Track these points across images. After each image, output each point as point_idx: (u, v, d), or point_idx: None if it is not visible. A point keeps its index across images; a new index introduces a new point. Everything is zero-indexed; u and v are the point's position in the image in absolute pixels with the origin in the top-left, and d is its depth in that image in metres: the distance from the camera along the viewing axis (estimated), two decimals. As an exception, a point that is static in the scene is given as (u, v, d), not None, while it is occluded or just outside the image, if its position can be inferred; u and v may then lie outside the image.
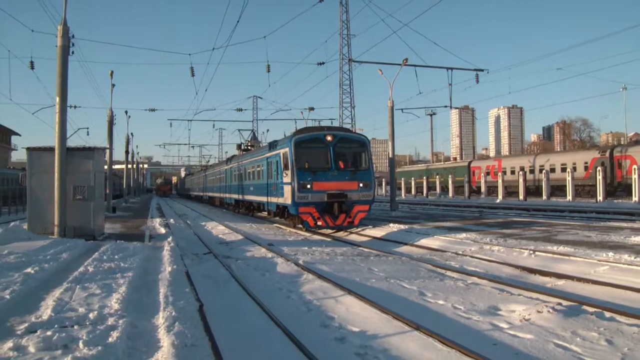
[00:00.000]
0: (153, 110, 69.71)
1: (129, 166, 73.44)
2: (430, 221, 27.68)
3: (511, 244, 17.51)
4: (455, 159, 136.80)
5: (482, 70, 44.59)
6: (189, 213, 47.48)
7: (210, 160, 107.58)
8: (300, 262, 15.42)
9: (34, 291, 10.52)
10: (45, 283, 11.34)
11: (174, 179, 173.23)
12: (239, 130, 55.86)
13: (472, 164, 75.99)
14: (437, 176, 71.72)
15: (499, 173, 58.38)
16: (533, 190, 57.18)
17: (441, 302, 10.48)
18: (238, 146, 51.68)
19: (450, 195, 63.60)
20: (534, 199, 49.46)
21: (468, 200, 56.22)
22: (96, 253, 15.58)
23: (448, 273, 13.99)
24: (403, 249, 19.07)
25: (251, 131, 58.92)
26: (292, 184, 24.09)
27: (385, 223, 26.00)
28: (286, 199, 25.19)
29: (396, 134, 37.59)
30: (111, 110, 46.45)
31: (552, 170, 56.57)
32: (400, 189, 73.16)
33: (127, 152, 67.42)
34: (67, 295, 9.99)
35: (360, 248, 19.32)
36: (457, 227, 23.62)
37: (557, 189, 53.46)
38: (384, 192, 76.36)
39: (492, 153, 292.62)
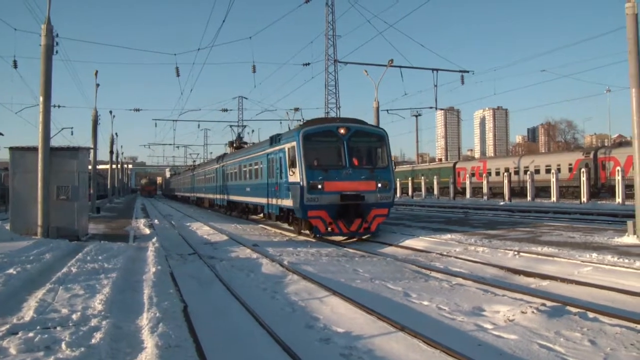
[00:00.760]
0: (138, 110, 69.62)
1: (114, 166, 73.15)
2: (415, 222, 27.76)
3: (496, 245, 17.59)
4: (440, 160, 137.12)
5: (468, 71, 44.71)
6: (174, 214, 47.31)
7: (197, 160, 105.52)
8: (285, 263, 15.39)
9: (16, 292, 10.43)
10: (27, 284, 11.25)
11: (159, 180, 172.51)
12: (231, 126, 53.00)
13: (457, 165, 76.37)
14: (422, 177, 72.06)
15: (484, 174, 58.85)
16: (518, 191, 57.55)
17: (426, 303, 10.50)
18: (230, 143, 48.83)
19: (435, 196, 63.79)
20: (519, 200, 49.74)
21: (453, 201, 56.43)
22: (80, 254, 15.47)
23: (433, 274, 14.02)
24: (388, 250, 19.11)
25: (243, 128, 56.73)
26: (300, 184, 20.98)
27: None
28: (292, 201, 22.14)
29: (382, 135, 37.52)
30: (95, 110, 46.27)
31: (537, 171, 56.96)
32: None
33: (112, 152, 67.21)
34: (50, 296, 9.91)
35: (345, 249, 19.33)
36: (442, 228, 23.69)
37: (542, 190, 53.83)
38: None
39: (477, 154, 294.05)
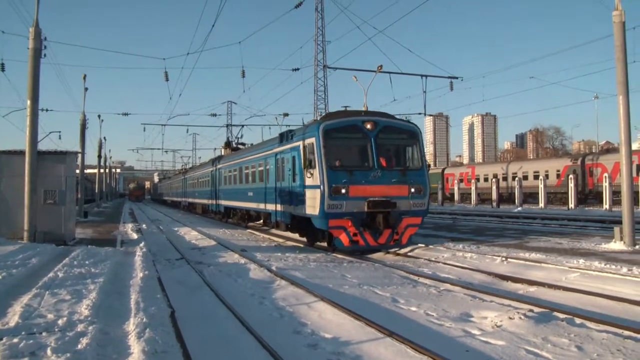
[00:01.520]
0: (126, 114, 69.11)
1: (102, 171, 72.79)
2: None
3: (484, 251, 17.66)
4: (429, 166, 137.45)
5: (457, 77, 44.78)
6: (162, 218, 47.15)
7: (188, 164, 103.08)
8: (273, 268, 15.35)
9: (1, 297, 10.33)
10: (13, 289, 11.15)
11: (147, 184, 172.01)
12: (228, 125, 50.20)
13: (446, 171, 76.58)
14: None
15: (472, 180, 58.96)
16: (506, 197, 57.81)
17: (414, 309, 10.50)
18: (226, 144, 45.01)
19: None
20: (507, 206, 49.92)
21: (441, 207, 56.56)
22: (66, 258, 15.38)
23: (421, 280, 14.03)
24: (376, 256, 19.09)
25: (241, 127, 48.82)
26: (321, 188, 18.05)
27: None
28: (309, 208, 19.09)
29: (371, 141, 37.52)
30: (84, 114, 46.09)
31: (525, 177, 57.24)
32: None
33: (100, 157, 66.89)
34: (36, 301, 9.84)
35: (333, 254, 19.31)
36: (431, 234, 23.77)
37: (530, 196, 54.11)
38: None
39: (466, 160, 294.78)
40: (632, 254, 16.22)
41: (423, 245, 19.87)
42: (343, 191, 18.13)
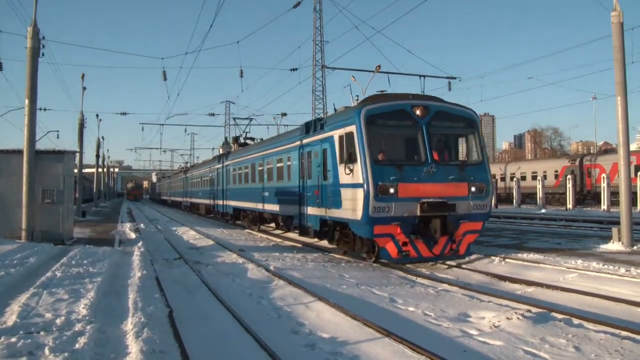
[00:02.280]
0: (124, 114, 69.13)
1: (100, 170, 72.76)
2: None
3: (481, 251, 17.64)
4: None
5: (455, 78, 44.64)
6: (160, 218, 47.11)
7: (189, 162, 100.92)
8: (271, 268, 15.35)
9: (-1, 296, 10.34)
10: (11, 288, 11.15)
11: (145, 184, 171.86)
12: (235, 119, 44.48)
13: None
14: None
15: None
16: (504, 197, 57.88)
17: (412, 309, 10.50)
18: (234, 139, 40.83)
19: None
20: (505, 206, 49.92)
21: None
22: (64, 258, 15.38)
23: (419, 280, 14.04)
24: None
25: (250, 121, 44.22)
26: (364, 187, 15.03)
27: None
28: (347, 211, 16.06)
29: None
30: (82, 113, 46.06)
31: (523, 178, 57.28)
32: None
33: (98, 156, 66.91)
34: (34, 300, 9.84)
35: (331, 254, 19.29)
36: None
37: (528, 197, 54.14)
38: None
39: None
40: (630, 255, 16.23)
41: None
42: (391, 191, 15.12)
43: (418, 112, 16.02)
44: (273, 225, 28.97)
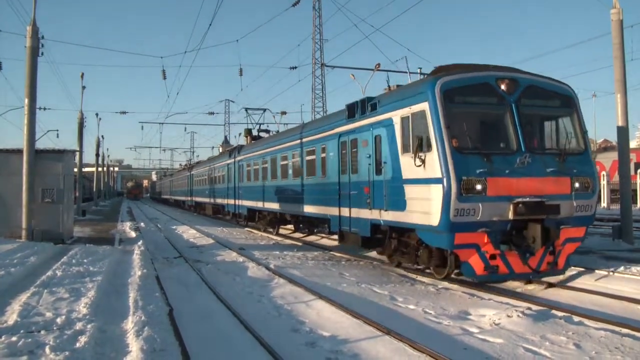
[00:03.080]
0: (124, 112, 69.27)
1: (99, 169, 72.77)
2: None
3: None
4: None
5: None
6: (161, 217, 47.12)
7: (193, 159, 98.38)
8: (271, 267, 15.35)
9: (0, 296, 10.34)
10: (11, 287, 11.16)
11: (145, 182, 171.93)
12: (247, 109, 38.89)
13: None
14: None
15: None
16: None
17: (412, 307, 10.51)
18: (247, 131, 36.23)
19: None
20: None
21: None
22: (65, 257, 15.38)
23: (419, 278, 14.04)
24: (374, 254, 19.07)
25: (263, 111, 39.53)
26: (443, 183, 11.61)
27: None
28: (417, 215, 12.65)
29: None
30: (81, 112, 46.08)
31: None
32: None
33: (98, 155, 66.87)
34: (34, 299, 9.84)
35: (331, 252, 19.29)
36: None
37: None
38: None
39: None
40: (631, 252, 16.24)
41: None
42: (478, 187, 11.75)
43: (504, 87, 12.77)
44: (291, 227, 26.97)
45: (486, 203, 11.69)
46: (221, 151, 53.77)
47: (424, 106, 12.46)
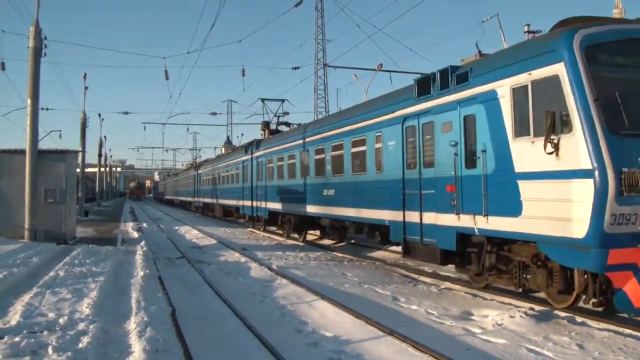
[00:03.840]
0: (127, 113, 69.23)
1: (102, 169, 72.83)
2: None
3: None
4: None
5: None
6: (163, 217, 47.15)
7: (199, 157, 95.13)
8: (273, 267, 15.35)
9: (3, 296, 10.34)
10: (14, 288, 11.16)
11: (148, 183, 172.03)
12: (263, 100, 34.48)
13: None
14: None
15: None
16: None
17: (414, 307, 10.50)
18: (264, 124, 32.00)
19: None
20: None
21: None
22: (67, 257, 15.38)
23: (421, 278, 14.03)
24: (376, 254, 19.07)
25: (282, 102, 35.05)
26: (596, 177, 8.46)
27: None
28: (540, 222, 9.48)
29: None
30: (84, 112, 46.06)
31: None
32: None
33: (100, 155, 66.92)
34: (37, 300, 9.84)
35: (333, 253, 19.28)
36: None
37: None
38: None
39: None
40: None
41: None
42: None
43: None
44: (317, 233, 24.25)
45: None
46: (224, 152, 53.43)
47: (557, 69, 9.31)
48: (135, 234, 25.81)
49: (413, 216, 13.21)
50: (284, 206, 23.84)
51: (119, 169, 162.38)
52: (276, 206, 24.84)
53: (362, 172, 16.23)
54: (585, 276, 9.18)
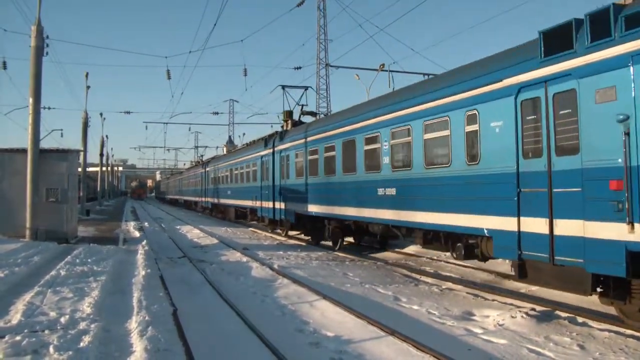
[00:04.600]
0: (128, 112, 69.45)
1: (104, 169, 72.85)
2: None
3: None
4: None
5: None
6: (164, 217, 47.16)
7: (204, 154, 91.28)
8: (275, 267, 15.35)
9: (4, 295, 10.35)
10: (15, 287, 11.17)
11: (150, 182, 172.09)
12: (283, 87, 29.95)
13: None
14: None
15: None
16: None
17: (416, 307, 10.50)
18: (287, 114, 27.37)
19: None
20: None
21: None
22: (69, 256, 15.39)
23: (423, 278, 14.03)
24: (378, 254, 19.06)
25: (306, 89, 30.12)
26: None
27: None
28: None
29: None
30: (86, 112, 46.09)
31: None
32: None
33: (102, 155, 66.94)
34: (38, 299, 9.85)
35: (335, 253, 19.27)
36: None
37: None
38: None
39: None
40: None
41: None
42: None
43: None
44: (351, 239, 21.19)
45: None
46: (225, 151, 53.25)
47: None
48: (136, 234, 25.83)
49: (535, 224, 9.58)
50: (319, 208, 19.85)
51: (121, 169, 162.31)
52: (307, 208, 21.00)
53: (443, 165, 12.55)
54: None
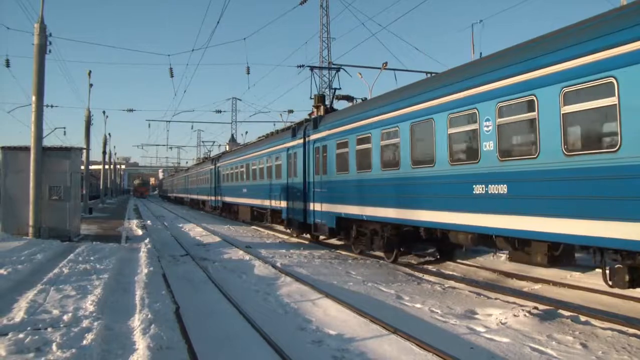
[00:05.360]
0: (131, 110, 69.34)
1: (106, 167, 72.91)
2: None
3: (488, 248, 17.56)
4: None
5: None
6: (167, 215, 47.19)
7: (212, 150, 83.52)
8: (277, 265, 15.35)
9: (7, 293, 10.36)
10: (18, 285, 11.19)
11: (152, 180, 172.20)
12: (312, 67, 27.78)
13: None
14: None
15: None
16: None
17: (418, 306, 10.49)
18: (319, 98, 24.18)
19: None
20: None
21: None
22: (71, 254, 15.40)
23: (426, 277, 14.03)
24: (380, 253, 19.02)
25: (337, 71, 27.18)
26: None
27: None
28: None
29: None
30: (89, 110, 46.12)
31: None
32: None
33: (105, 153, 67.02)
34: (41, 297, 9.86)
35: (337, 251, 19.27)
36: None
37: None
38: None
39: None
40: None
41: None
42: None
43: None
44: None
45: None
46: (227, 149, 53.00)
47: None
48: (139, 232, 25.81)
49: None
50: (373, 211, 15.82)
51: (123, 167, 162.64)
52: (355, 210, 16.96)
53: (603, 150, 8.52)
54: None
